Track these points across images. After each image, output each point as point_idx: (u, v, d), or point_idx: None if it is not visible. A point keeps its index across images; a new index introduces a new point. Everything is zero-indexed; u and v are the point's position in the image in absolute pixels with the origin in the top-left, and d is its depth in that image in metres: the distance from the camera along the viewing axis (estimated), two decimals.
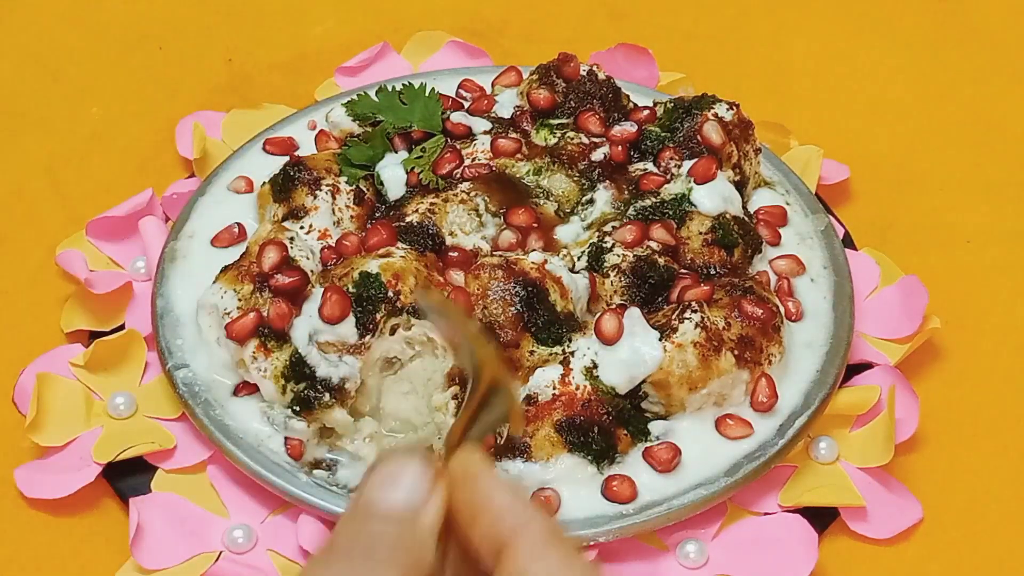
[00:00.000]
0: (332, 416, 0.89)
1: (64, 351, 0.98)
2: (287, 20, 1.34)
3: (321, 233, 0.98)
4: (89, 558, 0.89)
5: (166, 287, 0.99)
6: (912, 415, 0.95)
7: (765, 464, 0.89)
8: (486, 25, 1.32)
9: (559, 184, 1.02)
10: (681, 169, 1.01)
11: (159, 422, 0.94)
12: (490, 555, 0.54)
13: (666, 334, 0.89)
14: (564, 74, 1.08)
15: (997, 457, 0.95)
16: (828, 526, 0.90)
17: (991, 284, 1.08)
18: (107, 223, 1.06)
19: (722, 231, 0.98)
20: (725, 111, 1.04)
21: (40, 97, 1.25)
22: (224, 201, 1.06)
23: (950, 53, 1.30)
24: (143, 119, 1.22)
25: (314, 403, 0.88)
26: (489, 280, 0.90)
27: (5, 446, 0.95)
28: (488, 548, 0.54)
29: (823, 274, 1.01)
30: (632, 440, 0.89)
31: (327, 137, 1.09)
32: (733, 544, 0.87)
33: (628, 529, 0.85)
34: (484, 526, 0.55)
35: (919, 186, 1.16)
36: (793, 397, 0.92)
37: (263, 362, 0.89)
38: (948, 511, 0.92)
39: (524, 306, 0.90)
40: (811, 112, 1.23)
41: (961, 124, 1.22)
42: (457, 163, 1.02)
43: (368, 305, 0.90)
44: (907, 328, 1.00)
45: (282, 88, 1.24)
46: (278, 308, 0.90)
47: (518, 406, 0.80)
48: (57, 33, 1.32)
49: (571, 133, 1.05)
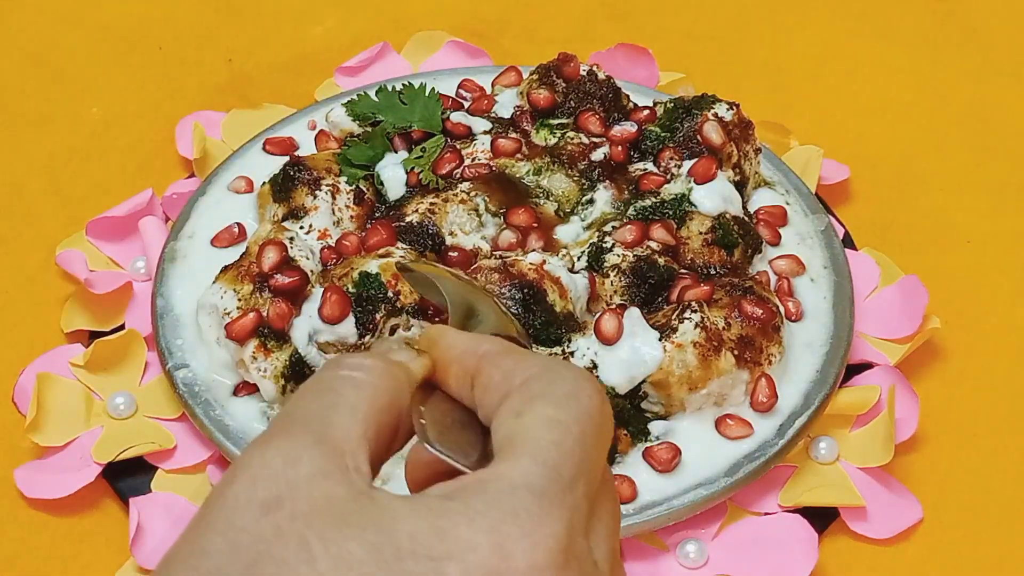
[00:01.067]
0: None
1: (64, 351, 0.98)
2: (287, 20, 1.34)
3: (321, 233, 0.98)
4: (89, 558, 0.89)
5: (166, 287, 0.99)
6: (912, 415, 0.95)
7: (765, 464, 0.89)
8: (486, 25, 1.32)
9: (559, 184, 1.02)
10: (681, 169, 1.01)
11: (159, 422, 0.94)
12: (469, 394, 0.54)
13: (666, 334, 0.89)
14: (564, 74, 1.08)
15: (997, 457, 0.95)
16: (828, 526, 0.90)
17: (991, 284, 1.08)
18: (107, 223, 1.06)
19: (722, 231, 0.98)
20: (725, 111, 1.04)
21: (40, 97, 1.25)
22: (224, 201, 1.06)
23: (950, 53, 1.29)
24: (143, 119, 1.22)
25: None
26: (487, 284, 0.90)
27: (5, 446, 0.95)
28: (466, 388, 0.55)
29: (823, 274, 1.01)
30: (632, 440, 0.89)
31: (327, 137, 1.09)
32: (733, 544, 0.87)
33: (628, 529, 0.85)
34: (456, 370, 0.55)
35: (919, 186, 1.16)
36: (793, 397, 0.92)
37: (263, 362, 0.89)
38: (948, 511, 0.92)
39: (521, 308, 0.90)
40: (811, 112, 1.23)
41: (961, 124, 1.22)
42: (457, 163, 1.02)
43: (368, 305, 0.90)
44: (907, 328, 1.00)
45: (282, 88, 1.24)
46: (278, 308, 0.90)
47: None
48: (57, 33, 1.32)
49: (571, 133, 1.05)
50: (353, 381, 0.51)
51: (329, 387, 0.51)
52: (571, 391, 0.52)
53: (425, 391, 0.55)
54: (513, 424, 0.51)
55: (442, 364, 0.55)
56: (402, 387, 0.53)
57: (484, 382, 0.54)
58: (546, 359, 0.55)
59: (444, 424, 0.54)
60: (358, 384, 0.51)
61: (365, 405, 0.50)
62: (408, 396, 0.53)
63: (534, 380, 0.52)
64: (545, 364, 0.54)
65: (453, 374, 0.55)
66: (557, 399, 0.51)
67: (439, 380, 0.55)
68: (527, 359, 0.54)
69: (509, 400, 0.52)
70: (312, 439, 0.48)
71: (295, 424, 0.49)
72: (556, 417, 0.50)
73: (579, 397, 0.52)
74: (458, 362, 0.55)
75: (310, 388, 0.51)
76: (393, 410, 0.52)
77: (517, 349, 0.55)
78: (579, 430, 0.50)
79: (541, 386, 0.52)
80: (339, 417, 0.49)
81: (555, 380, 0.52)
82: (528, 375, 0.53)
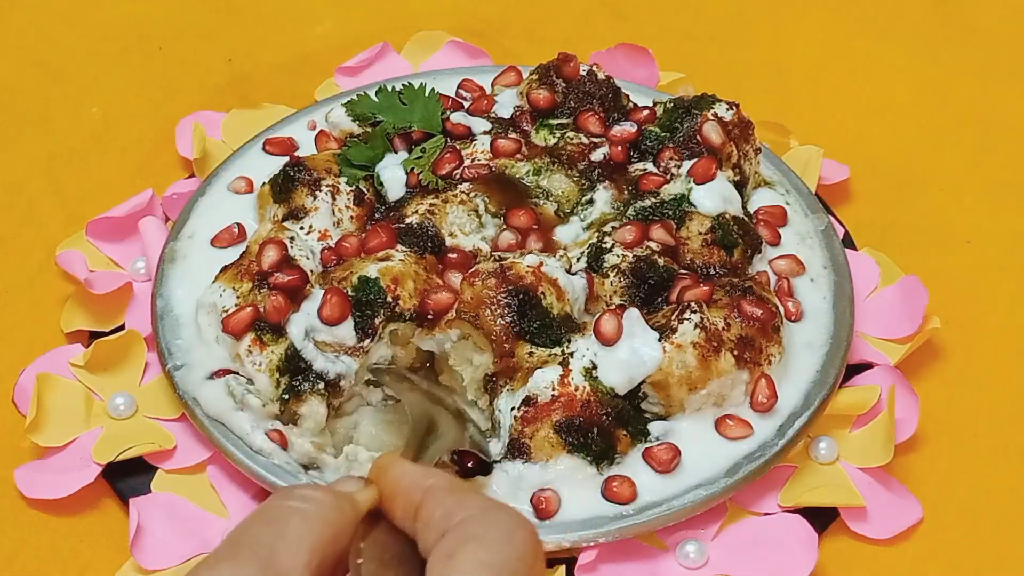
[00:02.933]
0: (312, 406, 0.88)
1: (64, 351, 0.98)
2: (287, 20, 1.34)
3: (321, 234, 0.98)
4: (89, 558, 0.89)
5: (166, 287, 0.99)
6: (912, 415, 0.95)
7: (765, 464, 0.89)
8: (486, 25, 1.32)
9: (559, 184, 1.02)
10: (681, 169, 1.01)
11: (159, 422, 0.94)
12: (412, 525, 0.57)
13: (665, 335, 0.89)
14: (564, 74, 1.08)
15: (997, 457, 0.95)
16: (828, 526, 0.90)
17: (991, 284, 1.08)
18: (107, 223, 1.06)
19: (722, 231, 0.98)
20: (725, 111, 1.04)
21: (40, 97, 1.25)
22: (224, 201, 1.06)
23: (950, 53, 1.29)
24: (143, 119, 1.22)
25: (304, 390, 0.88)
26: (482, 289, 0.90)
27: (5, 446, 0.95)
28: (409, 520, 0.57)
29: (823, 274, 1.01)
30: (632, 441, 0.89)
31: (327, 137, 1.08)
32: (733, 544, 0.87)
33: (628, 529, 0.85)
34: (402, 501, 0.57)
35: (919, 186, 1.16)
36: (793, 397, 0.92)
37: (258, 356, 0.89)
38: (948, 511, 0.92)
39: (516, 315, 0.90)
40: (811, 112, 1.23)
41: (961, 124, 1.22)
42: (457, 163, 1.02)
43: (367, 309, 0.90)
44: (907, 328, 1.00)
45: (282, 88, 1.24)
46: (274, 302, 0.89)
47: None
48: (57, 33, 1.32)
49: (571, 133, 1.05)
50: (301, 513, 0.53)
51: (278, 516, 0.53)
52: (505, 535, 0.54)
53: (371, 520, 0.58)
54: (444, 567, 0.53)
55: (389, 495, 0.58)
56: (347, 520, 0.55)
57: (425, 518, 0.56)
58: (487, 501, 0.57)
59: (383, 560, 0.56)
60: (306, 516, 0.53)
61: (311, 536, 0.53)
62: (352, 528, 0.55)
63: (471, 521, 0.55)
64: (484, 506, 0.56)
65: (399, 505, 0.57)
66: (489, 542, 0.53)
67: (385, 510, 0.58)
68: (468, 499, 0.56)
69: (445, 540, 0.54)
70: (258, 566, 0.50)
71: (242, 549, 0.51)
72: (487, 560, 0.53)
73: (512, 541, 0.54)
74: (404, 494, 0.57)
75: (260, 515, 0.54)
76: (338, 542, 0.54)
77: (461, 486, 0.58)
78: (509, 573, 0.53)
79: (476, 528, 0.54)
80: (285, 546, 0.52)
81: (490, 523, 0.55)
82: (466, 515, 0.55)
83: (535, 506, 0.85)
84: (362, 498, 0.57)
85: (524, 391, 0.88)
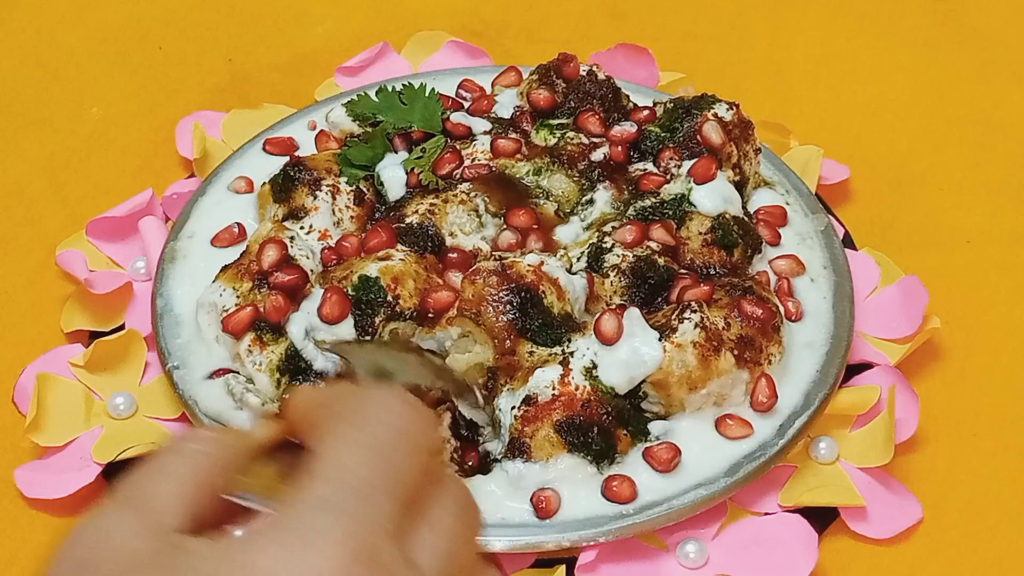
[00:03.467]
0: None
1: (64, 351, 0.98)
2: (287, 20, 1.34)
3: (321, 234, 0.98)
4: None
5: (166, 287, 0.99)
6: (912, 415, 0.95)
7: (765, 464, 0.89)
8: (486, 25, 1.32)
9: (559, 184, 1.02)
10: (681, 169, 1.01)
11: (159, 422, 0.94)
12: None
13: (666, 334, 0.89)
14: (564, 74, 1.08)
15: (997, 457, 0.95)
16: (828, 526, 0.90)
17: (991, 284, 1.08)
18: (107, 223, 1.06)
19: (722, 231, 0.98)
20: (725, 111, 1.04)
21: (40, 97, 1.25)
22: (224, 201, 1.06)
23: (950, 53, 1.29)
24: (143, 119, 1.22)
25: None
26: (484, 287, 0.90)
27: (5, 446, 0.95)
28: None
29: (823, 274, 1.01)
30: (632, 440, 0.89)
31: (327, 137, 1.09)
32: (733, 544, 0.87)
33: (628, 529, 0.85)
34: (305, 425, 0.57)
35: (919, 186, 1.16)
36: (793, 397, 0.92)
37: (258, 355, 0.89)
38: (948, 511, 0.92)
39: (518, 312, 0.90)
40: (811, 112, 1.23)
41: (961, 124, 1.22)
42: (457, 163, 1.02)
43: (367, 308, 0.90)
44: (907, 328, 1.00)
45: (282, 88, 1.24)
46: (274, 301, 0.90)
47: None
48: (57, 33, 1.32)
49: (571, 133, 1.05)
50: (179, 453, 0.55)
51: (156, 462, 0.54)
52: (376, 408, 0.54)
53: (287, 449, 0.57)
54: (315, 446, 0.53)
55: (294, 422, 0.58)
56: (235, 452, 0.56)
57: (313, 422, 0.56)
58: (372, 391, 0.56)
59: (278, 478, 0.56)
60: (184, 454, 0.54)
61: (185, 471, 0.53)
62: (243, 460, 0.55)
63: (344, 404, 0.55)
64: (362, 393, 0.56)
65: (304, 430, 0.57)
66: (357, 418, 0.53)
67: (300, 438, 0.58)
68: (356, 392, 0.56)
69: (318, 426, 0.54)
70: (131, 507, 0.52)
71: (120, 494, 0.53)
72: (353, 436, 0.52)
73: (387, 410, 0.54)
74: (305, 417, 0.57)
75: (143, 465, 0.55)
76: (225, 472, 0.55)
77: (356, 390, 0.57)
78: (379, 442, 0.52)
79: (347, 409, 0.54)
80: (157, 485, 0.53)
81: (362, 402, 0.54)
82: (344, 404, 0.55)
83: (535, 505, 0.85)
84: (259, 433, 0.58)
85: (524, 390, 0.88)
